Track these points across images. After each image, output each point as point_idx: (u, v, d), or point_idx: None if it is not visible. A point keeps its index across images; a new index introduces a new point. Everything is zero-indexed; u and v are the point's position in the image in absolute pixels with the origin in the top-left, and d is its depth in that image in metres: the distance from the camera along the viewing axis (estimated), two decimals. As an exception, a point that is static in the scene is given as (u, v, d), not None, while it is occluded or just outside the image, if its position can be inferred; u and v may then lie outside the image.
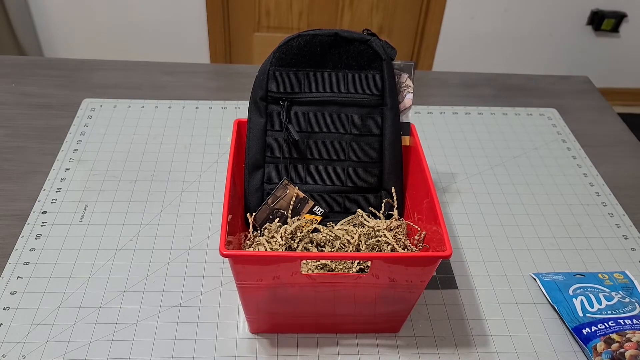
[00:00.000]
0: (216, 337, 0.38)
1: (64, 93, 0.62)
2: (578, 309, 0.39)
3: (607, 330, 0.37)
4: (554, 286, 0.41)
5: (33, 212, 0.47)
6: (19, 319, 0.38)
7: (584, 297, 0.40)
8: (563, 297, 0.40)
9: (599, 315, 0.38)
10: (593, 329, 0.37)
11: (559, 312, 0.40)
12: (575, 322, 0.39)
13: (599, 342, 0.36)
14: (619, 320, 0.38)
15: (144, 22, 1.35)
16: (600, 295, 0.40)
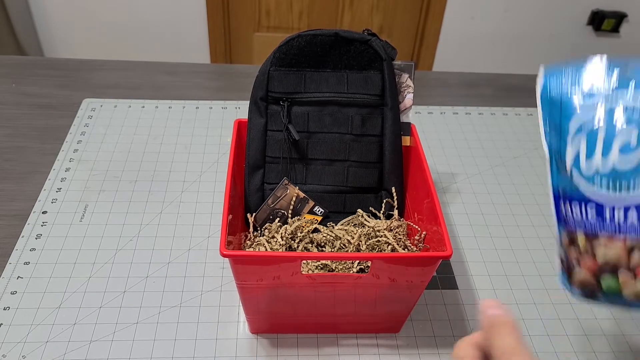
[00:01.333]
0: (216, 337, 0.38)
1: (65, 93, 0.62)
2: (569, 154, 0.24)
3: (578, 222, 0.24)
4: (558, 87, 0.25)
5: (33, 212, 0.47)
6: (19, 319, 0.38)
7: (591, 139, 0.23)
8: (560, 123, 0.24)
9: (589, 186, 0.23)
10: (564, 210, 0.24)
11: (549, 155, 0.25)
12: (556, 181, 0.25)
13: (563, 233, 0.25)
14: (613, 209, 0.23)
15: (144, 22, 1.35)
16: (625, 135, 0.22)
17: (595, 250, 0.24)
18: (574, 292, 0.25)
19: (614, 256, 0.23)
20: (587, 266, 0.24)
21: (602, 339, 0.39)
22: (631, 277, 0.23)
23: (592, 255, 0.24)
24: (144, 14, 1.34)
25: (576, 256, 0.24)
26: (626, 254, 0.23)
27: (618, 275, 0.23)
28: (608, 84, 0.24)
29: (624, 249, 0.23)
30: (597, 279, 0.24)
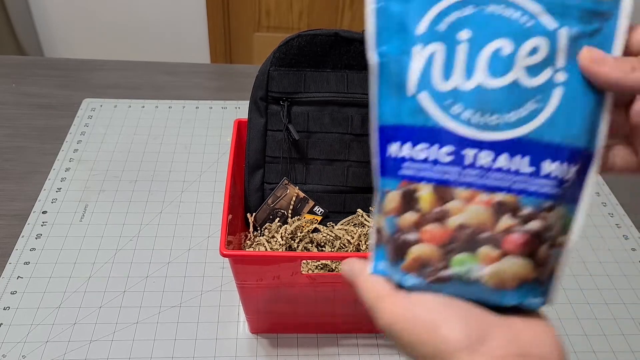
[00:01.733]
0: (216, 337, 0.38)
1: (64, 93, 0.62)
2: (414, 71, 0.17)
3: (422, 169, 0.16)
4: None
5: (33, 211, 0.47)
6: (19, 319, 0.38)
7: (452, 45, 0.17)
8: (405, 19, 0.17)
9: (444, 117, 0.16)
10: (401, 153, 0.17)
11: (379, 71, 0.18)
12: (388, 108, 0.18)
13: (395, 192, 0.17)
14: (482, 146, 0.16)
15: (144, 22, 1.35)
16: (496, 46, 0.16)
17: (447, 211, 0.16)
18: (403, 280, 0.16)
19: (475, 220, 0.16)
20: (432, 235, 0.16)
21: (602, 339, 0.39)
22: (497, 252, 0.15)
23: (441, 219, 0.16)
24: (144, 14, 1.34)
25: (414, 221, 0.16)
26: (492, 217, 0.16)
27: (477, 251, 0.15)
28: None
29: (491, 209, 0.16)
30: (446, 256, 0.16)
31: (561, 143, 0.16)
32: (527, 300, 0.16)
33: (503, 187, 0.16)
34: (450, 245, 0.16)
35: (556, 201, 0.16)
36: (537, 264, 0.16)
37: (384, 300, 0.16)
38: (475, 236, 0.16)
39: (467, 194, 0.16)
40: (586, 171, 0.17)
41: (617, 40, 0.16)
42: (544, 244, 0.16)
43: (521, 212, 0.16)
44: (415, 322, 0.15)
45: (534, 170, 0.16)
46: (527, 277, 0.16)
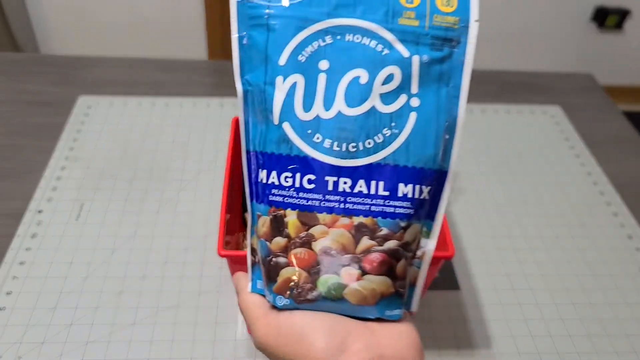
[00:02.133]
0: (214, 338, 0.37)
1: (60, 90, 0.61)
2: (277, 102, 0.17)
3: (288, 196, 0.17)
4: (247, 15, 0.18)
5: (29, 211, 0.46)
6: (14, 320, 0.38)
7: (313, 76, 0.17)
8: (266, 49, 0.17)
9: (306, 146, 0.17)
10: (269, 180, 0.17)
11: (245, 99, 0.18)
12: (254, 136, 0.18)
13: (265, 217, 0.18)
14: (342, 174, 0.17)
15: (140, 18, 1.34)
16: (354, 75, 0.17)
17: (312, 235, 0.17)
18: (277, 301, 0.17)
19: (338, 243, 0.17)
20: (299, 259, 0.17)
21: (605, 340, 0.39)
22: (358, 272, 0.16)
23: (306, 243, 0.17)
24: (140, 10, 1.32)
25: (283, 246, 0.17)
26: (353, 240, 0.17)
27: (340, 272, 0.17)
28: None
29: (351, 232, 0.17)
30: (313, 277, 0.17)
31: (415, 165, 0.17)
32: (386, 313, 0.18)
33: (362, 210, 0.17)
34: (316, 267, 0.17)
35: (411, 220, 0.18)
36: (395, 279, 0.17)
37: (259, 320, 0.18)
38: (338, 258, 0.17)
39: (330, 218, 0.17)
40: (441, 188, 0.18)
41: (467, 64, 0.18)
42: (401, 260, 0.17)
43: (379, 233, 0.17)
44: (286, 337, 0.17)
45: (390, 194, 0.17)
46: (386, 293, 0.17)
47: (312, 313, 0.17)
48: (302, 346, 0.16)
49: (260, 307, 0.18)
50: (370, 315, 0.18)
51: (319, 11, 0.17)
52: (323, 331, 0.17)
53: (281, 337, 0.17)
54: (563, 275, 0.44)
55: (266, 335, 0.17)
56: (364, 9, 0.17)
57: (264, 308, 0.18)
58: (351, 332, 0.17)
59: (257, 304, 0.18)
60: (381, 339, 0.17)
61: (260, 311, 0.18)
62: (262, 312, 0.18)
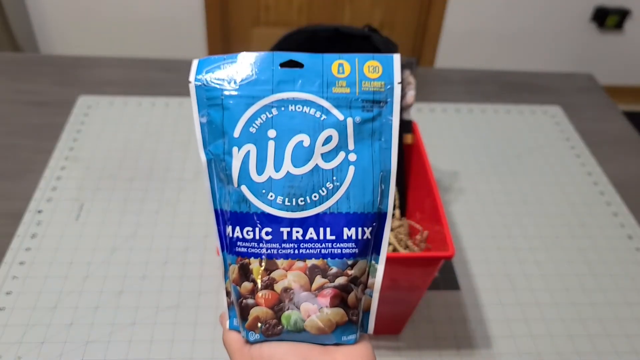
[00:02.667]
0: (214, 338, 0.37)
1: (60, 90, 0.61)
2: (235, 169, 0.20)
3: (251, 247, 0.20)
4: (204, 94, 0.21)
5: (28, 211, 0.46)
6: (14, 320, 0.37)
7: (263, 144, 0.20)
8: (222, 125, 0.21)
9: (262, 204, 0.20)
10: (234, 234, 0.20)
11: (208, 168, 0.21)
12: (219, 198, 0.21)
13: (234, 266, 0.21)
14: (295, 224, 0.20)
15: (141, 18, 1.34)
16: (298, 140, 0.20)
17: (273, 278, 0.20)
18: (249, 336, 0.20)
19: (295, 283, 0.20)
20: (264, 299, 0.20)
21: (605, 340, 0.39)
22: (314, 306, 0.20)
23: (269, 285, 0.20)
24: (140, 10, 1.32)
25: (250, 289, 0.20)
26: (308, 279, 0.20)
27: (300, 307, 0.20)
28: (272, 77, 0.20)
29: (306, 272, 0.20)
30: (277, 314, 0.20)
31: (357, 211, 0.21)
32: (342, 339, 0.21)
33: (313, 254, 0.20)
34: (279, 305, 0.20)
35: (357, 257, 0.21)
36: (348, 309, 0.21)
37: (236, 353, 0.21)
38: (297, 295, 0.20)
39: (287, 263, 0.20)
40: (382, 227, 0.21)
41: (394, 120, 0.21)
42: (351, 293, 0.21)
43: (330, 271, 0.20)
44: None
45: (336, 238, 0.20)
46: (340, 322, 0.20)
47: (277, 343, 0.20)
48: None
49: (236, 342, 0.21)
50: (328, 342, 0.21)
51: (264, 88, 0.21)
52: (286, 356, 0.20)
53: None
54: (563, 275, 0.44)
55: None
56: (302, 82, 0.21)
57: (239, 343, 0.21)
58: (310, 354, 0.20)
59: (235, 339, 0.21)
60: (337, 357, 0.20)
61: (237, 345, 0.21)
62: (238, 346, 0.21)
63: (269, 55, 0.21)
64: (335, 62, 0.21)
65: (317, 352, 0.20)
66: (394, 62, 0.21)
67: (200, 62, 0.21)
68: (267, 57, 0.21)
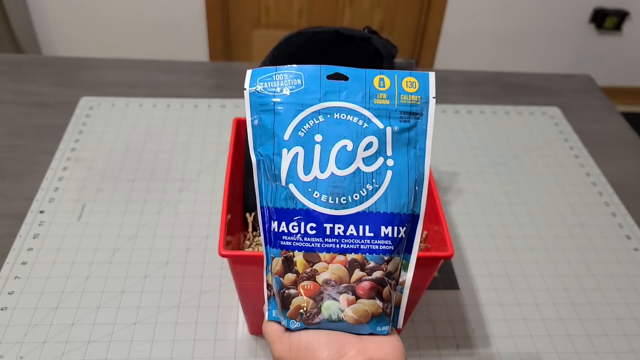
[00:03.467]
0: (215, 337, 0.37)
1: (62, 91, 0.61)
2: (284, 164, 0.22)
3: (295, 241, 0.22)
4: (258, 102, 0.23)
5: (31, 211, 0.46)
6: (16, 319, 0.38)
7: (310, 147, 0.22)
8: (273, 128, 0.23)
9: (308, 201, 0.22)
10: (280, 229, 0.22)
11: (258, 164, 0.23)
12: (266, 195, 0.23)
13: (278, 259, 0.23)
14: (337, 220, 0.22)
15: (142, 20, 1.34)
16: (342, 145, 0.22)
17: (315, 270, 0.22)
18: (290, 324, 0.22)
19: (336, 275, 0.22)
20: (306, 290, 0.22)
21: (604, 340, 0.39)
22: (353, 297, 0.22)
23: (311, 277, 0.22)
24: (142, 12, 1.33)
25: (293, 280, 0.22)
26: (348, 272, 0.22)
27: (339, 298, 0.22)
28: (319, 87, 0.23)
29: (346, 266, 0.22)
30: (318, 304, 0.22)
31: (393, 211, 0.23)
32: (376, 330, 0.22)
33: (353, 249, 0.22)
34: (320, 295, 0.22)
35: (392, 254, 0.23)
36: (382, 302, 0.22)
37: (275, 340, 0.23)
38: (337, 287, 0.22)
39: (329, 257, 0.22)
40: (415, 228, 0.23)
41: (429, 130, 0.23)
42: (386, 287, 0.22)
43: (367, 265, 0.22)
44: (297, 351, 0.22)
45: (374, 235, 0.22)
46: (376, 313, 0.22)
47: (315, 331, 0.22)
48: (309, 356, 0.21)
49: (276, 331, 0.23)
50: (364, 332, 0.22)
51: (313, 97, 0.23)
52: (324, 343, 0.21)
53: (292, 351, 0.22)
54: (562, 275, 0.44)
55: (280, 351, 0.22)
56: (347, 93, 0.23)
57: (279, 331, 0.23)
58: (346, 342, 0.22)
59: (274, 328, 0.23)
60: (370, 346, 0.22)
61: (277, 333, 0.23)
62: (278, 334, 0.23)
63: (317, 68, 0.23)
64: (377, 76, 0.23)
65: (353, 341, 0.21)
66: (430, 79, 0.23)
67: (254, 72, 0.23)
68: (315, 70, 0.23)
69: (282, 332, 0.23)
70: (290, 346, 0.22)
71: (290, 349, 0.22)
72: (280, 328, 0.23)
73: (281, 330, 0.23)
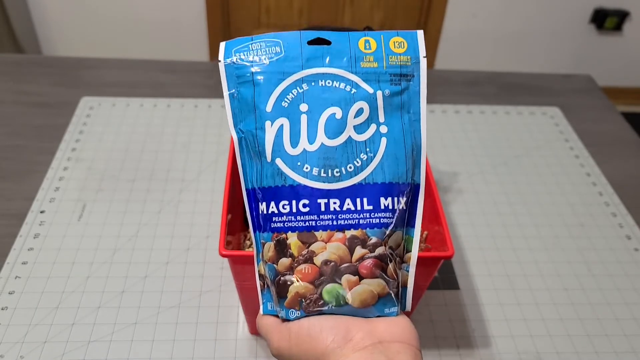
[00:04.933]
0: (216, 337, 0.37)
1: (62, 91, 0.61)
2: (268, 142, 0.20)
3: (288, 221, 0.20)
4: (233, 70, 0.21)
5: (31, 211, 0.46)
6: (17, 319, 0.38)
7: (296, 118, 0.20)
8: (253, 102, 0.21)
9: (298, 176, 0.20)
10: (269, 210, 0.20)
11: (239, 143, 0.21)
12: (250, 175, 0.21)
13: (270, 243, 0.21)
14: (332, 195, 0.20)
15: (143, 20, 1.34)
16: (330, 113, 0.20)
17: (312, 252, 0.20)
18: (289, 315, 0.20)
19: (335, 255, 0.20)
20: (304, 274, 0.19)
21: (604, 339, 0.39)
22: (356, 278, 0.19)
23: (308, 259, 0.20)
24: (143, 12, 1.33)
25: (288, 265, 0.20)
26: (348, 251, 0.20)
27: (341, 280, 0.19)
28: (300, 54, 0.20)
29: (346, 244, 0.20)
30: (318, 288, 0.19)
31: (392, 181, 0.21)
32: (384, 312, 0.20)
33: (352, 224, 0.20)
34: (320, 279, 0.20)
35: (394, 228, 0.21)
36: (388, 281, 0.20)
37: (273, 332, 0.21)
38: (338, 268, 0.20)
39: (326, 235, 0.20)
40: (416, 200, 0.21)
41: (422, 93, 0.21)
42: (390, 264, 0.20)
43: (369, 242, 0.20)
44: (297, 339, 0.20)
45: (373, 207, 0.20)
46: (382, 293, 0.20)
47: (316, 317, 0.20)
48: (312, 344, 0.19)
49: (273, 322, 0.21)
50: (371, 315, 0.20)
51: (294, 64, 0.21)
52: (328, 328, 0.19)
53: (292, 340, 0.20)
54: (562, 275, 0.44)
55: (279, 341, 0.20)
56: (331, 58, 0.21)
57: (276, 323, 0.21)
58: (352, 325, 0.20)
59: (270, 320, 0.21)
60: (379, 327, 0.20)
61: (274, 325, 0.21)
62: (274, 326, 0.21)
63: (297, 34, 0.21)
64: (361, 38, 0.21)
65: (359, 323, 0.19)
66: (418, 37, 0.21)
67: (228, 43, 0.21)
68: (294, 36, 0.21)
69: (279, 323, 0.21)
70: (290, 335, 0.20)
71: (290, 338, 0.20)
72: (277, 320, 0.21)
73: (278, 321, 0.21)
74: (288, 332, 0.20)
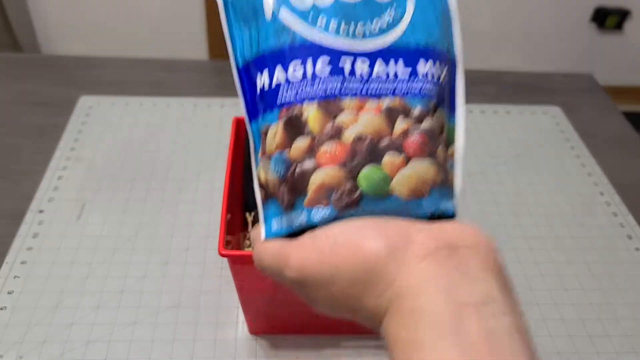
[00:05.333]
0: (215, 337, 0.37)
1: (61, 90, 0.61)
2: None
3: (300, 90, 0.14)
4: None
5: (30, 210, 0.46)
6: (16, 319, 0.38)
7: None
8: None
9: (310, 29, 0.15)
10: (274, 80, 0.15)
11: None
12: (246, 48, 0.16)
13: (275, 125, 0.15)
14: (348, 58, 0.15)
15: (141, 18, 1.34)
16: None
17: (339, 125, 0.14)
18: (313, 216, 0.14)
19: (371, 128, 0.14)
20: (330, 156, 0.14)
21: (605, 340, 0.39)
22: (401, 157, 0.14)
23: (335, 135, 0.14)
24: (141, 10, 1.32)
25: (307, 147, 0.14)
26: (387, 123, 0.14)
27: (382, 161, 0.14)
28: None
29: (383, 114, 0.14)
30: (352, 174, 0.14)
31: (427, 44, 0.16)
32: (442, 205, 0.15)
33: (388, 91, 0.15)
34: (353, 161, 0.14)
35: (438, 101, 0.16)
36: (440, 165, 0.15)
37: (290, 256, 0.14)
38: (376, 145, 0.14)
39: (356, 103, 0.15)
40: (453, 77, 0.17)
41: None
42: (439, 145, 0.15)
43: (412, 112, 0.15)
44: (331, 253, 0.13)
45: (411, 71, 0.15)
46: (436, 180, 0.15)
47: (352, 221, 0.14)
48: (357, 256, 0.13)
49: (282, 246, 0.14)
50: (423, 210, 0.15)
51: None
52: (379, 234, 0.13)
53: (325, 255, 0.13)
54: (563, 276, 0.44)
55: (304, 260, 0.13)
56: None
57: (286, 242, 0.14)
58: (409, 229, 0.14)
59: (277, 244, 0.14)
60: (444, 232, 0.14)
61: (284, 245, 0.14)
62: (286, 245, 0.14)
63: None
64: None
65: (417, 225, 0.14)
66: None
67: None
68: None
69: (291, 241, 0.14)
70: (319, 249, 0.13)
71: (322, 252, 0.13)
72: (286, 242, 0.14)
73: (290, 243, 0.14)
74: (314, 248, 0.14)
